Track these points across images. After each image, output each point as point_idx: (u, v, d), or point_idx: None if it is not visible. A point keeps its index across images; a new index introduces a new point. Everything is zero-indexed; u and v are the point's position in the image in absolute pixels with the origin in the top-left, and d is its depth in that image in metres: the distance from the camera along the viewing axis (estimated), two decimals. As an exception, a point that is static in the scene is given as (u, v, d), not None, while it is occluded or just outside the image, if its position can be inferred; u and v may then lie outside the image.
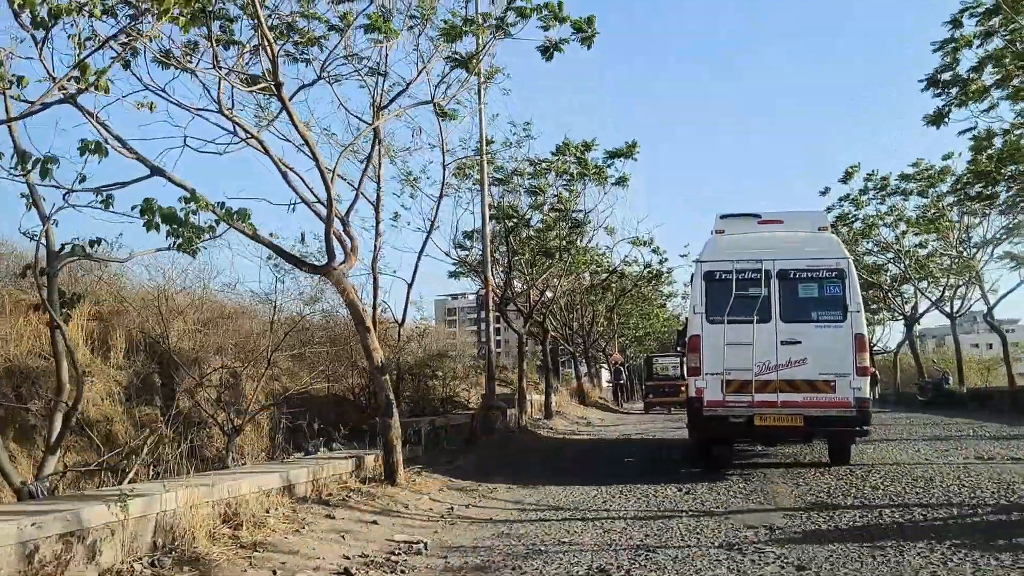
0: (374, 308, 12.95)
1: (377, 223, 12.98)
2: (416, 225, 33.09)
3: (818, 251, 9.83)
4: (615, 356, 42.58)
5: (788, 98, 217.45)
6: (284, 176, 8.84)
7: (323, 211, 8.53)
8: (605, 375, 44.60)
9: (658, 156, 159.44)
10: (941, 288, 32.00)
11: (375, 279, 12.93)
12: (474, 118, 15.04)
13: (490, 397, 14.80)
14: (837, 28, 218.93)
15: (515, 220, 17.29)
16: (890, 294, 35.43)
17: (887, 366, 39.22)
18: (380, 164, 13.00)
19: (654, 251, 28.85)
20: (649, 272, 31.46)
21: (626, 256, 29.34)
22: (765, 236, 10.27)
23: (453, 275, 22.40)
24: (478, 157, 14.98)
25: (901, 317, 36.71)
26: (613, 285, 32.19)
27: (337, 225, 8.65)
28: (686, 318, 11.19)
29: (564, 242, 18.20)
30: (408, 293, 14.45)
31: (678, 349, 20.19)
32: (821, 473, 9.47)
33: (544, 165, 17.20)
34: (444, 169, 14.50)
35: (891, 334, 47.33)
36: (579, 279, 27.12)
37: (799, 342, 9.48)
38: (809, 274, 9.73)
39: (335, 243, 8.47)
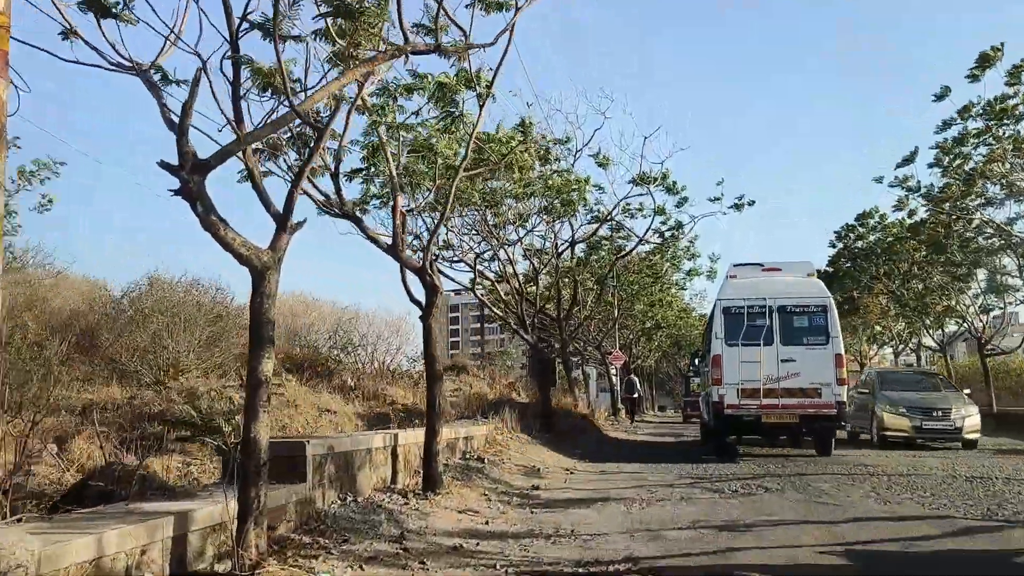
0: None
1: None
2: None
3: (808, 292, 13.45)
4: (616, 355, 31.91)
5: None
6: None
7: None
8: (615, 380, 33.89)
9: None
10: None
11: None
12: None
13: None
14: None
15: None
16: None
17: (999, 373, 27.47)
18: None
19: (668, 189, 18.29)
20: (663, 225, 19.82)
21: (626, 197, 18.90)
22: (768, 281, 13.75)
23: (324, 211, 11.25)
24: None
25: None
26: (605, 242, 21.46)
27: None
28: (703, 339, 16.27)
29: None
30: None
31: (690, 369, 22.12)
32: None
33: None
34: None
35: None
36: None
37: (794, 360, 12.91)
38: (801, 309, 13.24)
39: None
